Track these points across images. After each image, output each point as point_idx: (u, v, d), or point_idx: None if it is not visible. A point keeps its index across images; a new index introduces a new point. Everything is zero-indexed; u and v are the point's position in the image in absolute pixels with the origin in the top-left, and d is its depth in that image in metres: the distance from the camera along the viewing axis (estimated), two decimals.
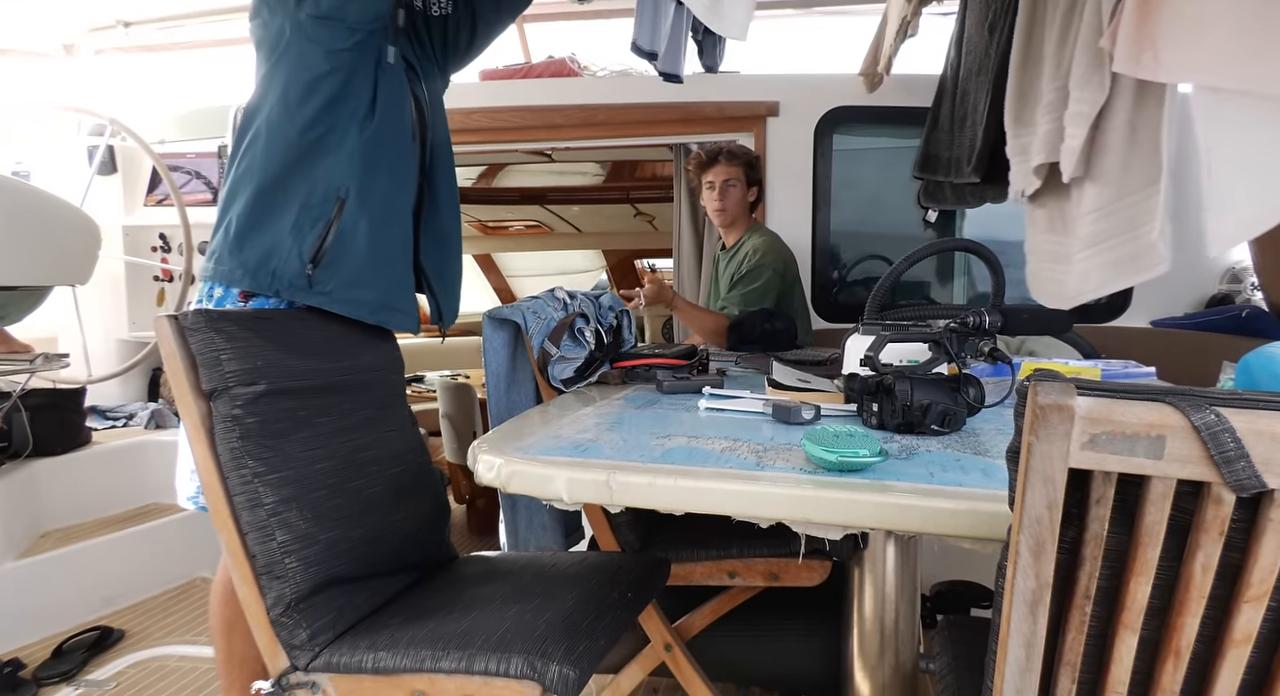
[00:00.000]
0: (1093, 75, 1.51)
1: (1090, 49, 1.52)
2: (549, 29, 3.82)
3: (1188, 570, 0.56)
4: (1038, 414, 0.54)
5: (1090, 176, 1.58)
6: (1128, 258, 1.50)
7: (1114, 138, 1.52)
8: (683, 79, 2.26)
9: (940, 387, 1.11)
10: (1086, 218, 1.58)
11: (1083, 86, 1.53)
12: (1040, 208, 1.85)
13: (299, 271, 1.39)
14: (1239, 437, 0.50)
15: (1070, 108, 1.57)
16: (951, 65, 2.53)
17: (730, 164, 2.54)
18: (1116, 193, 1.52)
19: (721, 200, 2.54)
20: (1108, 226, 1.54)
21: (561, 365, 1.61)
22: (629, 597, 1.26)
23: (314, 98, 1.42)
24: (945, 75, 2.58)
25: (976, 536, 0.79)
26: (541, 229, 6.01)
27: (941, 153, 2.59)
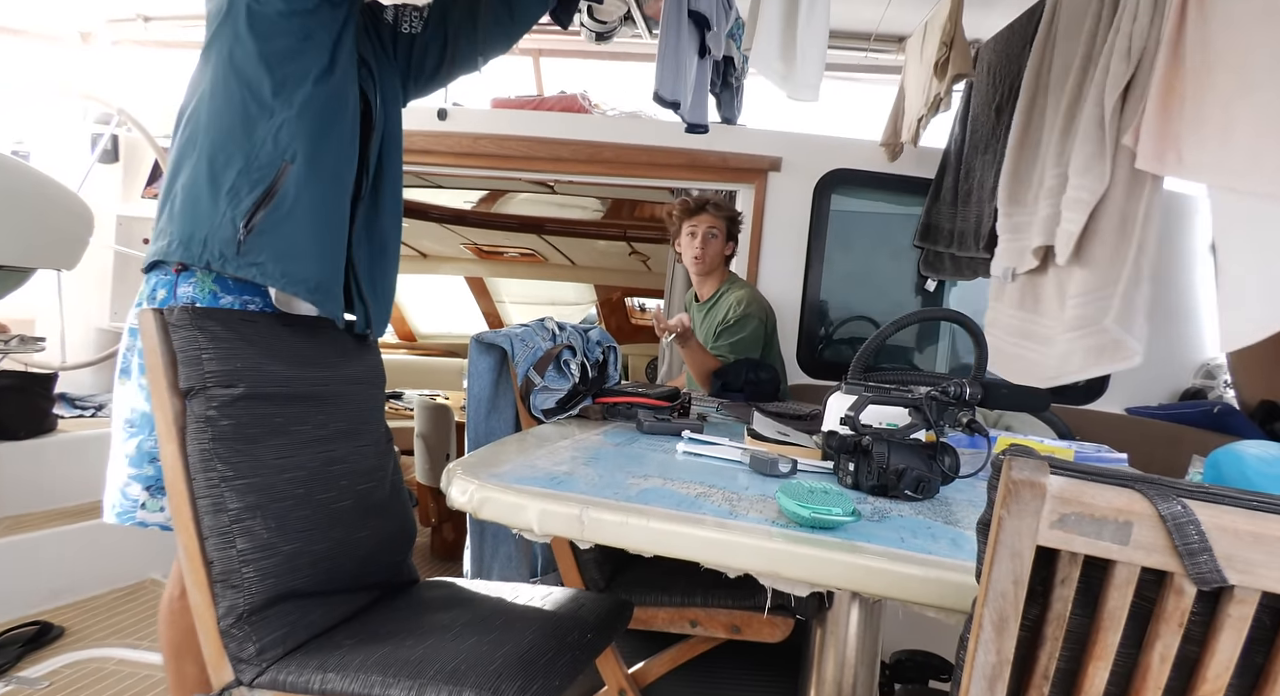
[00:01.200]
0: (1094, 164, 1.56)
1: (1093, 139, 1.57)
2: (564, 65, 3.90)
3: (1146, 659, 0.56)
4: (1010, 488, 0.55)
5: (1079, 261, 1.62)
6: (1109, 344, 1.53)
7: (1106, 225, 1.57)
8: (708, 129, 2.31)
9: (917, 453, 1.12)
10: (1072, 301, 1.62)
11: (1083, 174, 1.58)
12: (1011, 284, 1.90)
13: (230, 238, 1.28)
14: (1203, 531, 0.52)
15: (1069, 193, 1.62)
16: (956, 140, 2.61)
17: (715, 215, 2.59)
18: (1104, 279, 1.56)
19: (702, 248, 2.58)
20: (1092, 312, 1.58)
21: (544, 395, 1.61)
22: (589, 638, 1.25)
23: (265, 57, 1.32)
24: (949, 149, 2.66)
25: (942, 605, 0.79)
26: (536, 258, 6.04)
27: (943, 224, 2.66)
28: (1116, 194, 1.56)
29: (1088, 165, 1.58)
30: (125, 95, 3.31)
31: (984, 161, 2.33)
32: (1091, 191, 1.57)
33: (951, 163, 2.63)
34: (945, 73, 2.43)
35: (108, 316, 3.32)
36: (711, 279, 2.66)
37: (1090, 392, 2.83)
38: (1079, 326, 1.61)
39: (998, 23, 2.38)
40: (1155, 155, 1.39)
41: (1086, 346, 1.59)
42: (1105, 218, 1.58)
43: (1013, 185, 1.96)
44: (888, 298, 3.20)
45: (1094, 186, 1.57)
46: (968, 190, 2.47)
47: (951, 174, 2.61)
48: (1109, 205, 1.57)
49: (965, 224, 2.46)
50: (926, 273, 2.90)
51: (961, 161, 2.54)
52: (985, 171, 2.31)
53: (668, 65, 2.01)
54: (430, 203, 5.25)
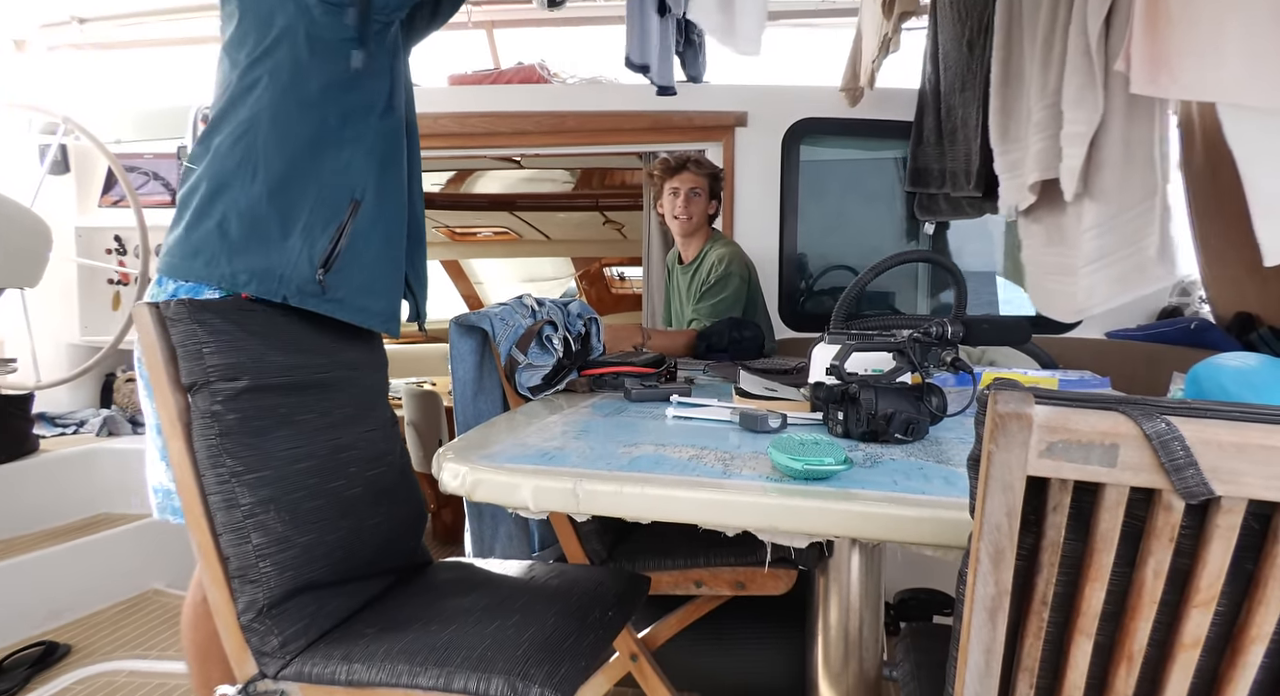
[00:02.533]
0: (1086, 95, 1.55)
1: (1080, 70, 1.55)
2: (518, 35, 3.82)
3: (1140, 576, 0.57)
4: (997, 422, 0.55)
5: (1089, 193, 1.61)
6: (1132, 270, 1.54)
7: (1110, 155, 1.55)
8: (676, 91, 2.28)
9: (904, 397, 1.12)
10: (1088, 233, 1.62)
11: (1076, 106, 1.57)
12: (1036, 222, 1.89)
13: (309, 277, 1.30)
14: (1188, 446, 0.52)
15: (1066, 128, 1.60)
16: (929, 80, 2.58)
17: (697, 173, 2.56)
18: (1116, 208, 1.56)
19: (685, 207, 2.56)
20: (1109, 241, 1.58)
21: (529, 372, 1.60)
22: (609, 616, 1.25)
23: (330, 86, 1.32)
24: (924, 90, 2.63)
25: (939, 544, 0.80)
26: (510, 236, 5.98)
27: (932, 165, 2.64)
28: (1115, 122, 1.54)
29: (1080, 97, 1.56)
30: (69, 102, 3.21)
31: (964, 99, 2.31)
32: (1088, 123, 1.56)
33: (929, 102, 2.60)
34: (892, 11, 2.40)
35: (78, 331, 3.26)
36: (695, 239, 2.64)
37: None
38: (1097, 257, 1.60)
39: None
40: (1149, 78, 1.38)
41: (1109, 276, 1.59)
42: (1107, 147, 1.56)
43: (1002, 122, 1.95)
44: (866, 244, 3.20)
45: (1089, 117, 1.55)
46: (951, 129, 2.45)
47: (931, 114, 2.59)
48: (1109, 134, 1.56)
49: (955, 164, 2.44)
50: (922, 216, 2.89)
51: (940, 100, 2.52)
52: (967, 109, 2.29)
53: (634, 28, 1.97)
54: None
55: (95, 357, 3.09)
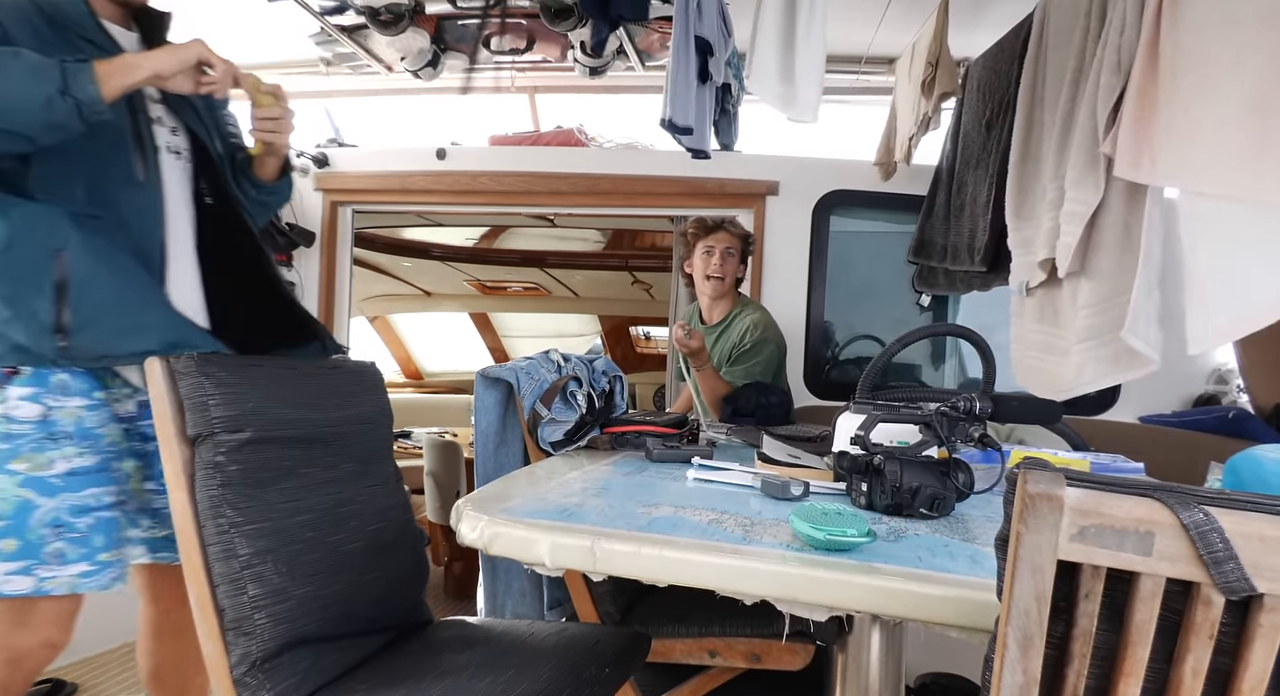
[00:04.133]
0: (1088, 176, 1.57)
1: (1086, 150, 1.58)
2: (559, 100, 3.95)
3: (1178, 673, 0.55)
4: (1027, 502, 0.54)
5: (1085, 273, 1.62)
6: (1124, 352, 1.53)
7: (1108, 237, 1.57)
8: (710, 155, 2.34)
9: (930, 471, 1.11)
10: (1082, 312, 1.62)
11: (1078, 187, 1.59)
12: (1030, 298, 1.90)
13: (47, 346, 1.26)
14: (1227, 538, 0.50)
15: (1066, 207, 1.62)
16: (947, 157, 2.63)
17: (733, 232, 2.60)
18: (1111, 290, 1.56)
19: (721, 266, 2.58)
20: (1103, 322, 1.58)
21: (552, 427, 1.60)
22: (606, 673, 1.22)
23: None
24: (941, 166, 2.68)
25: (964, 625, 0.78)
26: (539, 291, 6.08)
27: (936, 239, 2.66)
28: (1115, 204, 1.56)
29: (1081, 177, 1.59)
30: None
31: (976, 176, 2.35)
32: (1086, 203, 1.58)
33: (943, 179, 2.64)
34: (932, 91, 2.46)
35: None
36: (723, 301, 2.66)
37: (1102, 402, 2.81)
38: (1090, 337, 1.60)
39: (984, 41, 2.41)
40: (1131, 162, 1.40)
41: (1099, 356, 1.59)
42: (1106, 229, 1.58)
43: (1018, 199, 1.97)
44: (892, 316, 3.20)
45: (1088, 198, 1.57)
46: (960, 205, 2.48)
47: (944, 190, 2.63)
48: (1108, 216, 1.57)
49: (959, 238, 2.47)
50: (920, 288, 2.90)
51: (953, 177, 2.56)
52: (977, 186, 2.32)
53: (679, 91, 2.04)
54: (431, 241, 5.30)
55: None
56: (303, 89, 3.82)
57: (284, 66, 3.64)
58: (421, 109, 4.08)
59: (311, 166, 3.33)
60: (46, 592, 1.30)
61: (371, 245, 5.08)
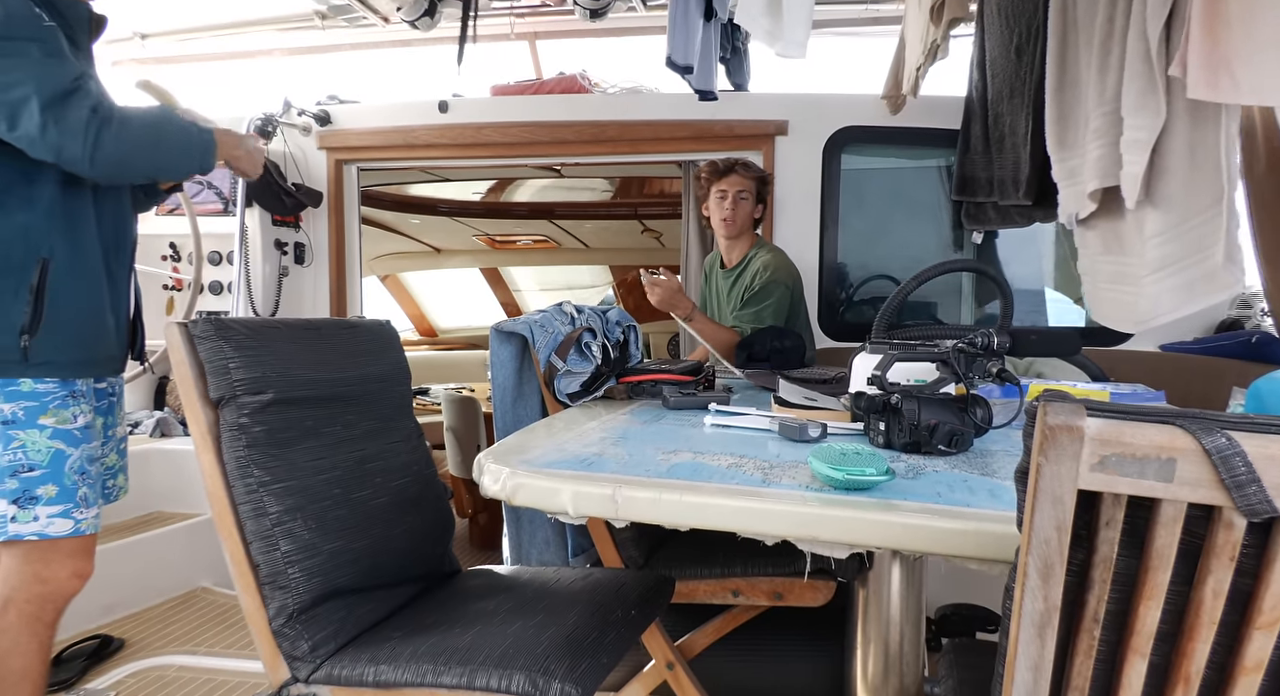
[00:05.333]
0: (1147, 100, 1.51)
1: (1141, 76, 1.52)
2: (560, 46, 3.86)
3: (1198, 595, 0.55)
4: (1047, 434, 0.54)
5: (1151, 201, 1.57)
6: (1200, 278, 1.50)
7: (1174, 161, 1.51)
8: (717, 96, 2.28)
9: (948, 408, 1.10)
10: (1152, 241, 1.57)
11: (1137, 113, 1.53)
12: (1091, 230, 1.85)
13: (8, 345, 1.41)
14: (1250, 462, 0.50)
15: (1126, 135, 1.56)
16: (976, 87, 2.54)
17: (745, 175, 2.55)
18: (1181, 215, 1.52)
19: (733, 210, 2.54)
20: (1176, 249, 1.53)
21: (568, 379, 1.61)
22: (633, 615, 1.26)
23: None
24: (971, 97, 2.59)
25: (984, 557, 0.78)
26: (549, 244, 6.04)
27: (979, 174, 2.60)
28: (1179, 127, 1.50)
29: (1140, 103, 1.52)
30: None
31: (1012, 106, 2.27)
32: (1149, 130, 1.52)
33: (976, 111, 2.56)
34: (941, 17, 2.37)
35: None
36: (740, 243, 2.63)
37: (1121, 333, 2.77)
38: (1162, 266, 1.56)
39: None
40: (1207, 83, 1.34)
41: (1174, 285, 1.55)
42: (1171, 154, 1.52)
43: (1059, 129, 1.91)
44: (907, 253, 3.16)
45: (1151, 124, 1.51)
46: (999, 136, 2.40)
47: (979, 122, 2.55)
48: (1173, 139, 1.51)
49: (1003, 172, 2.40)
50: (970, 225, 2.83)
51: (987, 108, 2.47)
52: (1015, 116, 2.25)
53: (678, 29, 1.99)
54: (438, 197, 5.26)
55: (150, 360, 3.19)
56: (298, 44, 3.76)
57: (279, 22, 3.58)
58: (421, 61, 4.00)
59: (314, 125, 3.29)
60: (82, 532, 1.52)
61: (379, 203, 5.06)
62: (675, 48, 1.97)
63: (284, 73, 3.96)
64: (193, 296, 3.18)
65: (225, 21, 3.62)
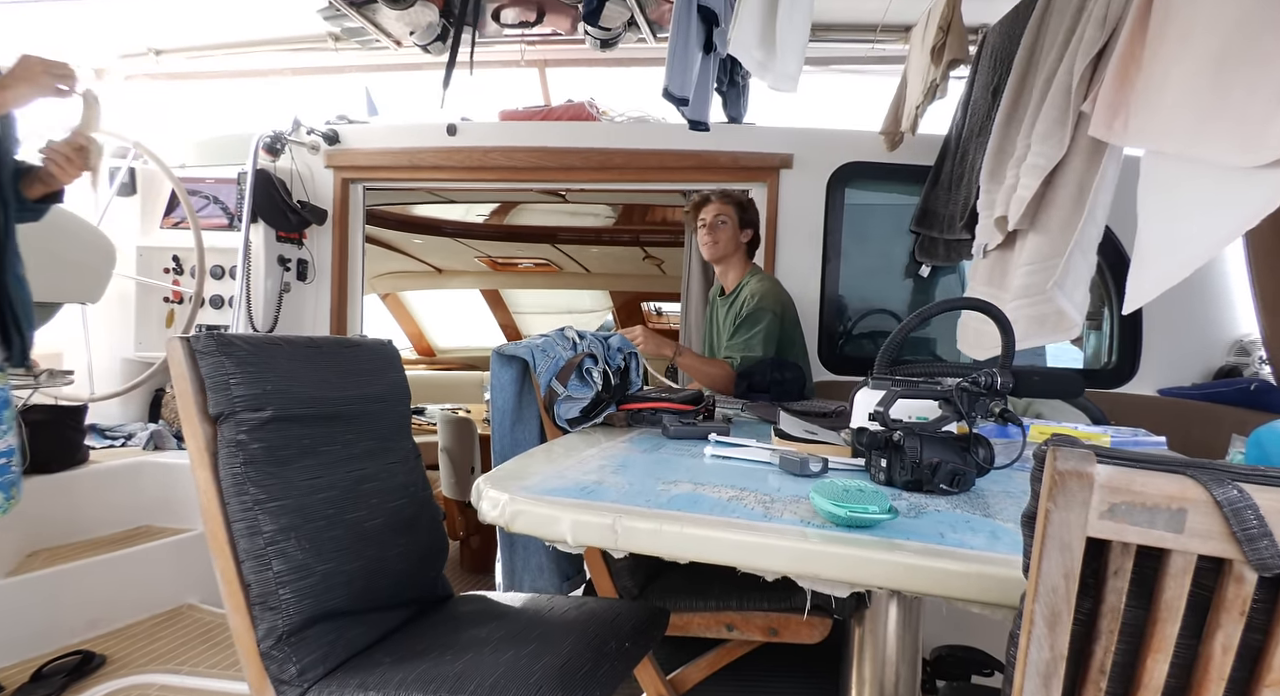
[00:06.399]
0: (1055, 131, 1.53)
1: (1058, 106, 1.54)
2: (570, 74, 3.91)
3: (1207, 649, 0.55)
4: (1056, 480, 0.54)
5: (1034, 229, 1.59)
6: (1050, 314, 1.50)
7: (1062, 195, 1.53)
8: (709, 127, 2.30)
9: (950, 446, 1.10)
10: (1021, 270, 1.59)
11: (1044, 140, 1.55)
12: (984, 260, 1.86)
13: None
14: (1262, 515, 0.50)
15: (1028, 159, 1.58)
16: (956, 126, 2.59)
17: (721, 202, 2.57)
18: (1052, 249, 1.53)
19: (711, 235, 2.56)
20: (1037, 280, 1.55)
21: (568, 405, 1.61)
22: (626, 647, 1.24)
23: None
24: (950, 135, 2.63)
25: (985, 600, 0.78)
26: (550, 267, 6.06)
27: (939, 209, 2.63)
28: (1076, 162, 1.52)
29: (1049, 132, 1.54)
30: (140, 128, 3.36)
31: (977, 144, 2.30)
32: (1048, 158, 1.53)
33: (951, 148, 2.60)
34: (941, 58, 2.40)
35: (132, 346, 3.36)
36: (733, 270, 2.63)
37: (1121, 375, 2.78)
38: (1024, 295, 1.57)
39: (1004, 7, 2.35)
40: (1105, 122, 1.36)
41: (1028, 316, 1.56)
42: (1063, 186, 1.54)
43: (994, 163, 1.92)
44: (908, 289, 3.17)
45: (1051, 153, 1.53)
46: (960, 173, 2.44)
47: (950, 160, 2.58)
48: (1067, 173, 1.53)
49: (954, 207, 2.43)
50: (921, 258, 2.87)
51: (959, 146, 2.51)
52: (976, 154, 2.28)
53: (677, 61, 2.01)
54: (442, 218, 5.29)
55: (147, 373, 3.19)
56: (312, 65, 3.80)
57: (292, 42, 3.62)
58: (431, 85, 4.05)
59: (322, 144, 3.32)
60: None
61: (383, 222, 5.08)
62: (672, 80, 1.99)
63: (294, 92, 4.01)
64: (193, 310, 3.18)
65: (239, 40, 3.66)
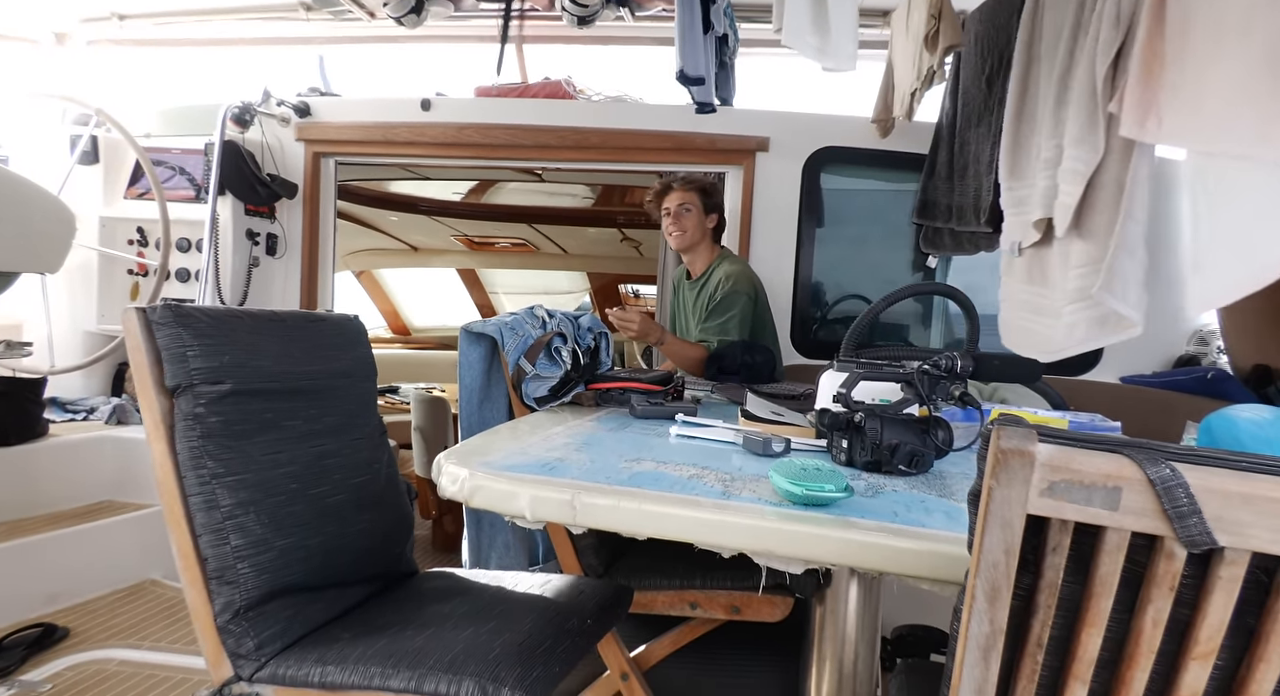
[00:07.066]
0: (1087, 135, 1.55)
1: (1086, 109, 1.56)
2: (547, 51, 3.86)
3: (1138, 623, 0.56)
4: (999, 458, 0.55)
5: (1079, 232, 1.61)
6: (1110, 314, 1.53)
7: (1103, 196, 1.56)
8: (716, 108, 2.29)
9: (910, 429, 1.12)
10: (1074, 272, 1.61)
11: (1078, 145, 1.57)
12: (1019, 258, 1.89)
13: None
14: (1192, 493, 0.51)
15: (1065, 164, 1.61)
16: (947, 115, 2.59)
17: (685, 189, 2.56)
18: (1103, 250, 1.55)
19: (676, 224, 2.56)
20: (1090, 284, 1.57)
21: (536, 383, 1.60)
22: (589, 624, 1.25)
23: None
24: (941, 124, 2.64)
25: (937, 578, 0.79)
26: (527, 247, 6.02)
27: (940, 199, 2.64)
28: (1112, 163, 1.54)
29: (1082, 135, 1.57)
30: (103, 95, 3.27)
31: (978, 134, 2.31)
32: (1086, 162, 1.56)
33: (945, 137, 2.61)
34: (936, 45, 2.41)
35: (94, 319, 3.29)
36: (700, 255, 2.63)
37: (1084, 363, 2.83)
38: (1081, 297, 1.60)
39: None
40: (1137, 121, 1.39)
41: (1089, 318, 1.59)
42: (1102, 188, 1.56)
43: (1012, 158, 1.95)
44: (881, 275, 3.19)
45: (1088, 157, 1.56)
46: (963, 164, 2.45)
47: (945, 148, 2.59)
48: (1105, 174, 1.56)
49: (963, 198, 2.44)
50: (926, 249, 2.89)
51: (955, 135, 2.52)
52: (980, 144, 2.29)
53: (687, 41, 1.99)
54: (418, 195, 5.22)
55: (109, 346, 3.12)
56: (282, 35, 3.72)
57: (262, 10, 3.54)
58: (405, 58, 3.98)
59: (293, 116, 3.26)
60: None
61: (357, 198, 5.00)
62: (686, 60, 1.97)
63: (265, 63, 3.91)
64: (158, 283, 3.12)
65: (208, 7, 3.57)
